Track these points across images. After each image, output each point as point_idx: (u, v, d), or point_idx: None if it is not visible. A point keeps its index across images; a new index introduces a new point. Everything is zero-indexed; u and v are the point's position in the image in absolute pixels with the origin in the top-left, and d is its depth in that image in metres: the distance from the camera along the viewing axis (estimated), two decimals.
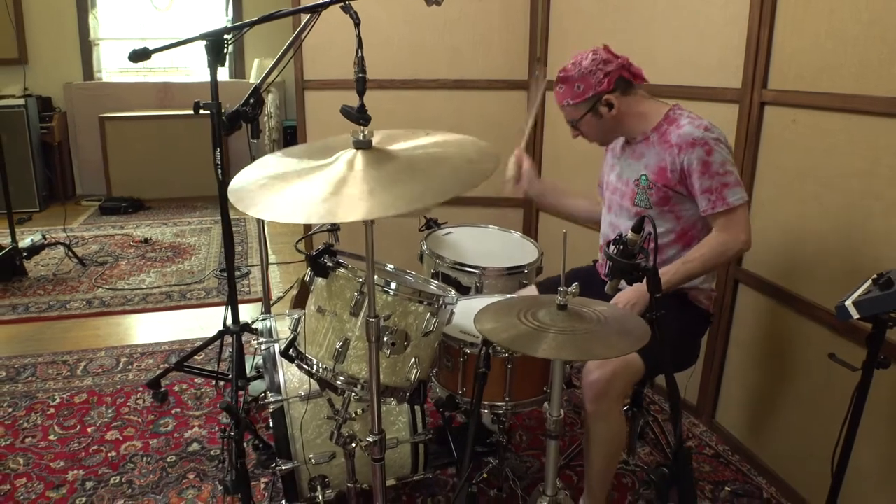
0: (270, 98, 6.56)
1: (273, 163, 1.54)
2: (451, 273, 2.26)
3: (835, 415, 1.94)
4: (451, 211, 2.58)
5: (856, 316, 1.40)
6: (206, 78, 2.29)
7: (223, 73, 6.95)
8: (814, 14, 2.05)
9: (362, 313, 1.54)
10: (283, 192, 1.31)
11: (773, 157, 2.25)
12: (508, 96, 3.51)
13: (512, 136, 3.54)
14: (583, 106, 1.94)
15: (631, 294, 1.84)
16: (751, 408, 2.43)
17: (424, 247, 2.39)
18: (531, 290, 2.18)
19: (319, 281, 1.64)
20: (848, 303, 1.40)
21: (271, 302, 3.72)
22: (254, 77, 6.44)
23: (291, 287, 3.94)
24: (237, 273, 4.44)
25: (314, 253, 1.59)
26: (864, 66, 1.88)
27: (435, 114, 3.51)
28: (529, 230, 3.61)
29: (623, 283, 1.51)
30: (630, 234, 1.36)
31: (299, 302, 3.10)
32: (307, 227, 3.80)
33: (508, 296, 2.06)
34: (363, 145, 1.34)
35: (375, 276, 1.57)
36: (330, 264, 1.60)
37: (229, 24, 2.25)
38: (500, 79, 3.48)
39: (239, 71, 6.89)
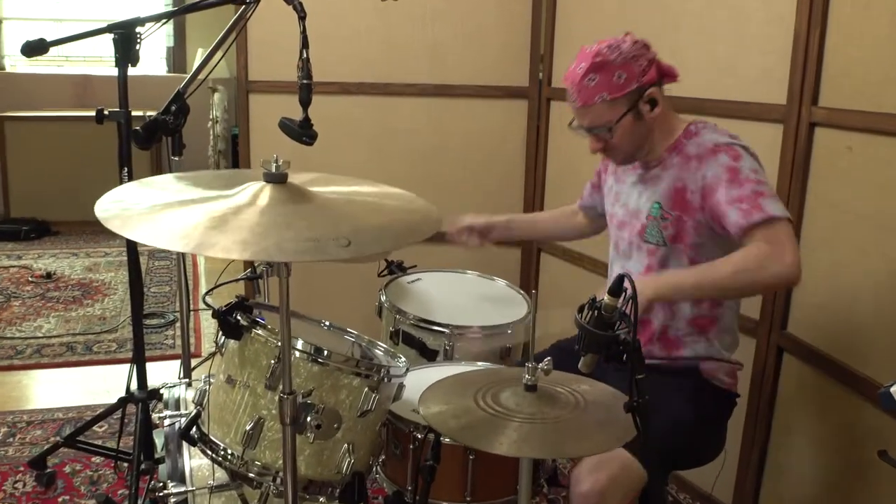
0: (217, 98, 6.63)
1: (163, 185, 1.56)
2: (415, 332, 2.26)
3: None
4: (422, 250, 2.58)
5: None
6: (135, 70, 2.30)
7: (160, 68, 7.04)
8: (873, 15, 2.07)
9: (280, 387, 1.54)
10: (160, 213, 1.35)
11: (823, 191, 2.26)
12: (504, 107, 3.54)
13: (507, 156, 3.60)
14: (622, 103, 1.89)
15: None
16: None
17: (383, 297, 2.39)
18: None
19: (231, 344, 1.65)
20: (894, 389, 1.40)
21: (199, 360, 3.72)
22: None
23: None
24: (161, 321, 4.45)
25: (223, 308, 1.60)
26: None
27: (411, 126, 3.55)
28: (528, 276, 3.62)
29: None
30: (606, 298, 1.37)
31: None
32: (244, 266, 3.80)
33: (479, 365, 2.06)
34: (275, 179, 1.36)
35: (300, 341, 1.58)
36: (244, 323, 1.61)
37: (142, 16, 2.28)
38: (494, 84, 3.52)
39: (179, 63, 6.98)
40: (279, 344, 1.55)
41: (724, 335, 2.03)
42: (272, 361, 1.56)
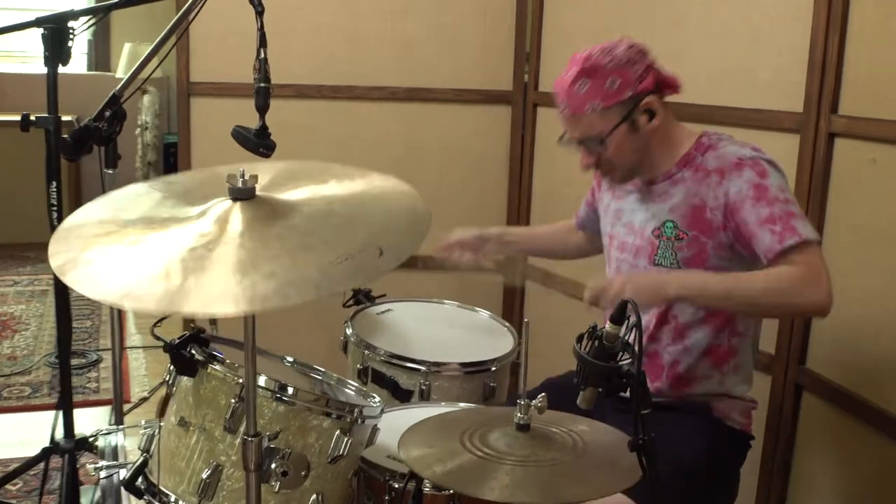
0: (147, 101, 6.65)
1: (129, 199, 1.59)
2: (386, 370, 2.32)
3: None
4: (394, 276, 2.64)
5: None
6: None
7: (79, 65, 7.05)
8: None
9: (241, 429, 1.60)
10: (121, 249, 1.37)
11: (845, 209, 2.35)
12: (484, 113, 3.62)
13: (489, 168, 3.65)
14: (616, 112, 1.96)
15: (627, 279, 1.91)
16: None
17: (349, 331, 2.45)
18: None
19: (184, 381, 1.70)
20: None
21: (128, 406, 3.74)
22: (122, 71, 6.52)
23: (161, 384, 3.96)
24: (83, 361, 4.45)
25: (176, 341, 1.66)
26: None
27: (378, 134, 3.60)
28: (511, 306, 3.69)
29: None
30: (608, 326, 1.44)
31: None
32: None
33: (462, 405, 2.13)
34: (243, 195, 1.41)
35: (262, 377, 1.64)
36: (200, 357, 1.66)
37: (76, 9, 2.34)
38: (474, 88, 3.59)
39: (102, 61, 7.00)
40: (240, 380, 1.61)
41: (740, 370, 2.10)
42: (232, 400, 1.60)
